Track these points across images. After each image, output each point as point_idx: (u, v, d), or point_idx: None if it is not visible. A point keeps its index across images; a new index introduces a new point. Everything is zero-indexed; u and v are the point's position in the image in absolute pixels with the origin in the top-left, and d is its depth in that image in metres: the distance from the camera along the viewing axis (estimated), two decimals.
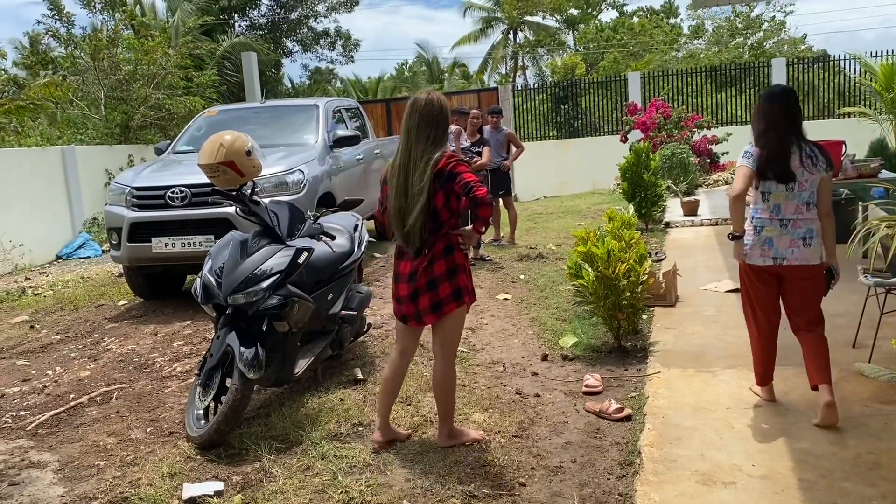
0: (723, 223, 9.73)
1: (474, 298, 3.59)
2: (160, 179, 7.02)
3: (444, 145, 3.39)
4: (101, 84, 14.42)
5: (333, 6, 29.67)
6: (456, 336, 3.59)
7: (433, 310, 3.41)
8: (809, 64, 17.56)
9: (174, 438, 3.99)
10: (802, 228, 3.73)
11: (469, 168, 3.36)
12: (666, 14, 32.62)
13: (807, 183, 3.70)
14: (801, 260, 3.74)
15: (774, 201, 3.77)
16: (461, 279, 3.44)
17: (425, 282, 3.39)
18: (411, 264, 3.43)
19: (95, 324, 6.85)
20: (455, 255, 3.43)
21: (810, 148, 3.72)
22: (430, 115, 3.36)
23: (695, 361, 4.63)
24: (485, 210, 3.28)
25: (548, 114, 18.86)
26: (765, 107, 3.79)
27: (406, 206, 3.35)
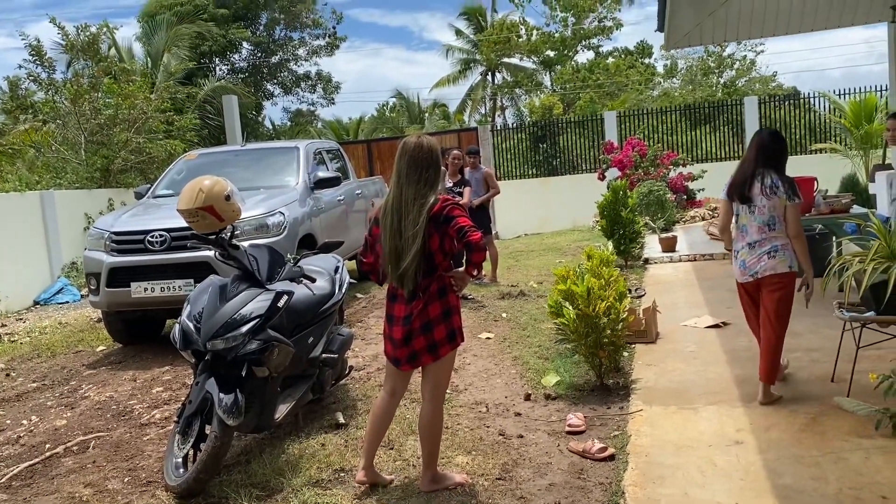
0: (700, 259, 9.84)
1: (464, 338, 3.61)
2: (140, 224, 7.00)
3: (437, 187, 3.42)
4: (81, 129, 14.43)
5: (314, 50, 30.07)
6: (446, 379, 3.60)
7: (429, 351, 3.42)
8: (781, 101, 17.96)
9: (152, 488, 3.92)
10: (767, 245, 4.36)
11: (464, 212, 3.39)
12: (640, 54, 33.28)
13: (765, 208, 4.32)
14: (769, 269, 4.34)
15: (742, 222, 4.46)
16: (455, 320, 3.47)
17: (420, 324, 3.39)
18: (406, 307, 3.42)
19: (73, 371, 6.75)
20: (449, 296, 3.45)
21: (773, 179, 4.32)
22: (420, 158, 3.40)
23: (676, 398, 4.64)
24: (478, 255, 3.31)
25: (527, 153, 19.08)
26: (753, 141, 4.51)
27: (400, 247, 3.36)
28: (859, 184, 10.26)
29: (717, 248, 10.16)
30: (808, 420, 4.06)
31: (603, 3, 30.18)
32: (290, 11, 28.28)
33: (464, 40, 34.56)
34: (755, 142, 4.47)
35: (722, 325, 6.30)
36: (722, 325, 6.29)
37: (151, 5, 26.61)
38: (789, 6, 10.35)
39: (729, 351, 5.53)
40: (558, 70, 32.47)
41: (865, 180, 10.82)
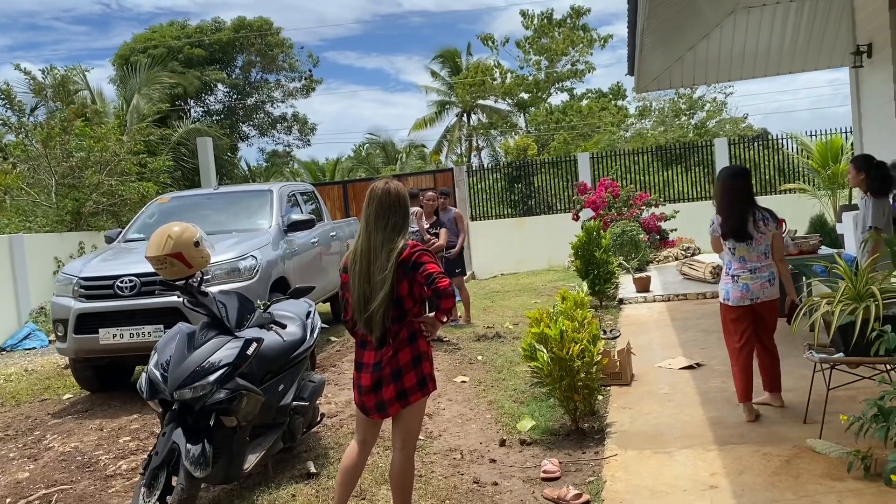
0: (674, 299, 9.91)
1: (436, 386, 3.55)
2: (109, 269, 6.90)
3: (405, 232, 3.41)
4: (52, 171, 14.31)
5: (290, 92, 30.28)
6: (417, 427, 3.53)
7: (398, 399, 3.35)
8: (750, 142, 18.32)
9: None
10: (766, 272, 4.80)
11: (433, 258, 3.37)
12: (614, 95, 33.91)
13: (762, 238, 4.78)
14: (770, 296, 4.82)
15: (740, 254, 4.82)
16: (425, 367, 3.41)
17: (390, 371, 3.33)
18: (376, 353, 3.37)
19: (37, 420, 6.57)
20: (419, 342, 3.40)
21: (761, 213, 4.81)
22: (388, 203, 3.39)
23: (651, 442, 4.61)
24: (446, 301, 3.28)
25: (502, 193, 19.22)
26: (727, 183, 4.89)
27: (369, 292, 3.33)
28: (827, 224, 10.44)
29: (690, 289, 10.25)
30: (781, 462, 4.05)
31: (575, 47, 30.82)
32: (267, 55, 28.55)
33: (439, 82, 35.05)
34: (734, 184, 4.84)
35: (696, 366, 6.32)
36: (696, 366, 6.30)
37: (125, 48, 26.72)
38: (755, 51, 10.65)
39: (703, 392, 5.54)
40: (532, 112, 32.94)
41: (833, 220, 11.03)
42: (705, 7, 8.69)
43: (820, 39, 10.28)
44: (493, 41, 32.70)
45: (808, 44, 10.42)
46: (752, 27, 10.12)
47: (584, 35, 30.92)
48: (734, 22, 9.91)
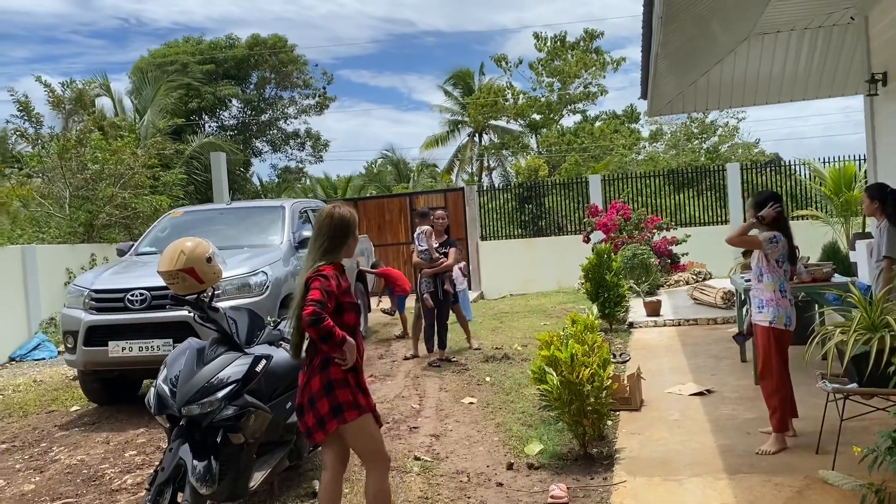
0: (685, 323, 9.84)
1: (367, 411, 3.44)
2: (120, 282, 6.93)
3: (336, 256, 3.45)
4: (66, 183, 14.42)
5: (304, 109, 30.46)
6: (368, 447, 3.50)
7: (319, 426, 3.38)
8: (763, 168, 18.28)
9: None
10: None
11: (321, 283, 3.28)
12: (628, 118, 33.93)
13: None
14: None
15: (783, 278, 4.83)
16: (340, 394, 3.35)
17: (307, 398, 3.41)
18: (302, 377, 3.47)
19: (44, 432, 6.57)
20: (331, 370, 3.35)
21: None
22: (324, 227, 3.48)
23: (661, 469, 4.56)
24: (308, 330, 3.24)
25: (513, 213, 19.21)
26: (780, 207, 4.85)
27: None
28: (840, 251, 10.37)
29: (701, 314, 10.19)
30: (792, 493, 4.00)
31: (588, 70, 30.92)
32: (281, 71, 28.76)
33: (452, 102, 35.19)
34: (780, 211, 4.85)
35: (706, 392, 6.26)
36: (706, 393, 6.24)
37: (142, 62, 27.00)
38: (768, 78, 10.65)
39: (713, 420, 5.48)
40: (544, 133, 33.01)
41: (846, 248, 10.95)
42: (719, 33, 8.71)
43: (834, 67, 10.28)
44: (506, 62, 32.83)
45: (822, 71, 10.42)
46: (766, 53, 10.13)
47: (597, 58, 31.00)
48: (748, 48, 9.93)
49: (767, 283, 4.82)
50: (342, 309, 3.37)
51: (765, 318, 4.80)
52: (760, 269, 4.87)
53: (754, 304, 4.96)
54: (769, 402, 4.81)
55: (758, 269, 4.89)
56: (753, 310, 4.99)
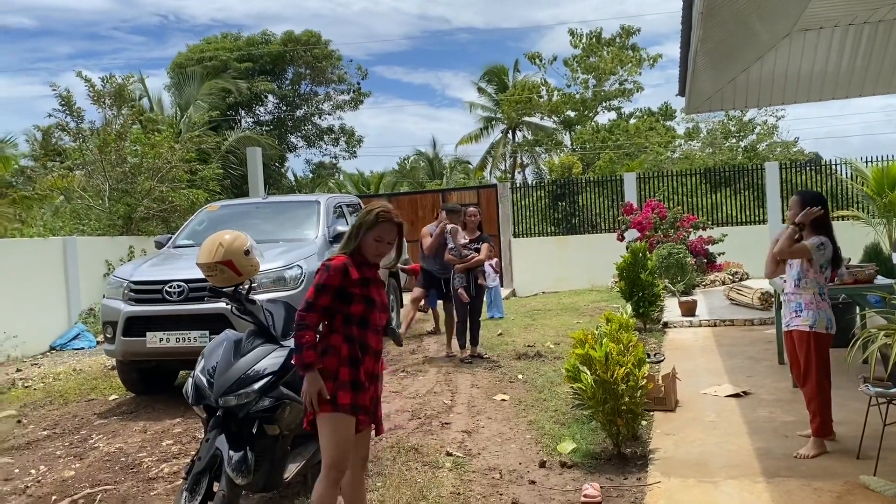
0: (720, 324, 9.71)
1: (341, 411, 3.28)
2: (158, 274, 7.04)
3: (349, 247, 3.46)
4: (106, 176, 14.69)
5: (338, 105, 30.65)
6: (326, 449, 3.34)
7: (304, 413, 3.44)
8: (802, 167, 17.94)
9: None
10: None
11: (317, 278, 3.34)
12: (663, 115, 33.56)
13: None
14: None
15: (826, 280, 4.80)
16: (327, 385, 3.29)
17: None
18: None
19: (84, 419, 6.71)
20: (326, 359, 3.33)
21: None
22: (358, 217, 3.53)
23: (696, 471, 4.50)
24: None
25: (546, 211, 19.12)
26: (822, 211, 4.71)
27: None
28: (882, 252, 10.14)
29: (737, 314, 10.04)
30: (832, 499, 3.92)
31: (623, 66, 30.63)
32: (316, 67, 28.96)
33: (486, 98, 35.13)
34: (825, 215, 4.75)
35: (743, 394, 6.17)
36: (743, 395, 6.15)
37: (181, 58, 27.41)
38: (810, 75, 10.43)
39: (750, 422, 5.40)
40: (578, 130, 32.79)
41: (888, 249, 10.71)
42: (760, 29, 8.54)
43: (879, 64, 10.03)
44: (540, 59, 32.68)
45: (867, 68, 10.17)
46: (807, 50, 9.91)
47: (633, 54, 30.71)
48: (790, 44, 9.72)
49: (806, 287, 4.71)
50: (349, 299, 3.34)
51: (804, 322, 4.68)
52: (800, 272, 4.74)
53: (789, 307, 4.79)
54: (810, 407, 4.70)
55: (797, 273, 4.76)
56: (788, 314, 4.81)
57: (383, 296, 3.52)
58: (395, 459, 4.93)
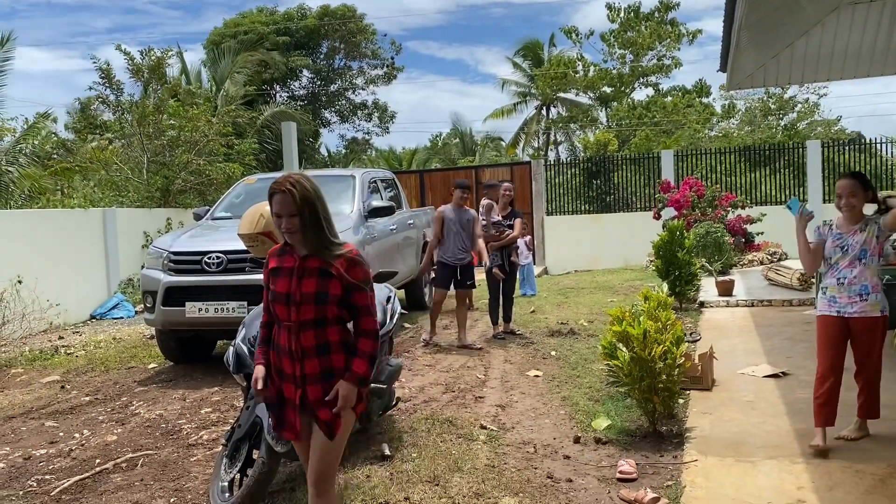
0: (758, 304, 9.57)
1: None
2: (198, 245, 7.13)
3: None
4: (144, 149, 14.87)
5: (372, 80, 30.59)
6: None
7: None
8: (844, 146, 17.51)
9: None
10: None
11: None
12: (699, 93, 32.94)
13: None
14: None
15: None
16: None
17: None
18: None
19: (125, 386, 6.86)
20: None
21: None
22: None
23: (733, 450, 4.46)
24: None
25: (580, 188, 18.94)
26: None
27: None
28: None
29: (776, 295, 9.88)
30: (875, 482, 3.86)
31: (662, 42, 30.07)
32: (351, 41, 28.88)
33: (520, 74, 34.76)
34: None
35: (781, 374, 6.08)
36: (781, 375, 6.07)
37: (217, 33, 27.52)
38: (857, 51, 10.13)
39: (789, 402, 5.32)
40: (614, 106, 32.34)
41: None
42: (807, 3, 8.30)
43: None
44: (576, 34, 32.23)
45: None
46: (856, 25, 9.60)
47: (672, 30, 30.12)
48: (838, 19, 9.42)
49: (872, 267, 4.36)
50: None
51: (874, 306, 4.31)
52: (867, 250, 4.35)
53: (850, 291, 4.34)
54: (864, 391, 4.47)
55: (860, 252, 4.35)
56: (847, 298, 4.35)
57: (306, 286, 2.91)
58: (430, 431, 4.96)
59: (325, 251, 2.93)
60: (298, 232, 2.90)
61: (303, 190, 2.89)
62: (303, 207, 2.87)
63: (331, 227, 2.96)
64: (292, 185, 2.88)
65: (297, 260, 2.97)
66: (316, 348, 2.92)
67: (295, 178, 2.92)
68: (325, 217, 2.95)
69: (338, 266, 2.92)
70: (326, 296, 2.90)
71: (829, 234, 4.51)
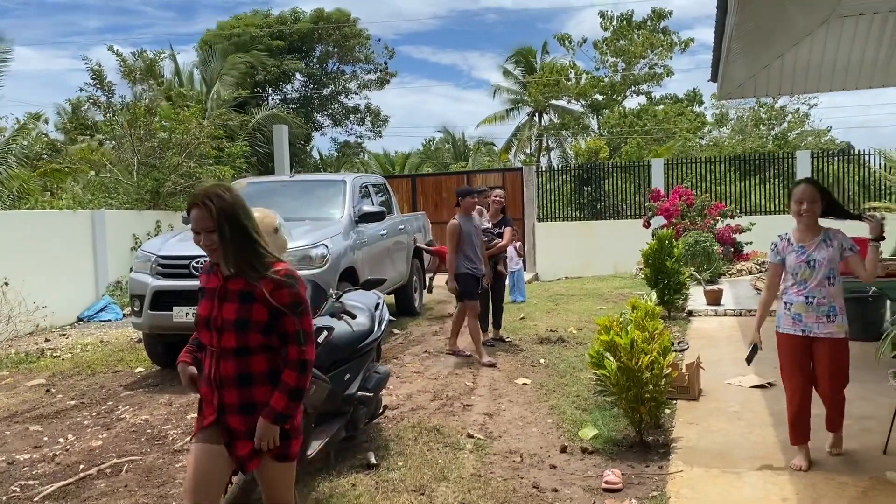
0: (746, 314, 9.60)
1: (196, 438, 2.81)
2: (186, 249, 7.10)
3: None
4: (135, 151, 14.81)
5: (365, 84, 30.59)
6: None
7: None
8: (833, 156, 17.63)
9: None
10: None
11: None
12: (690, 101, 33.10)
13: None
14: None
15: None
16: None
17: None
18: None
19: (111, 391, 6.82)
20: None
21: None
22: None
23: (719, 460, 4.48)
24: None
25: (571, 195, 18.98)
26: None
27: None
28: None
29: None
30: (857, 493, 3.88)
31: (654, 50, 30.20)
32: (344, 46, 28.90)
33: (512, 81, 34.83)
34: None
35: (768, 385, 6.11)
36: (767, 386, 6.09)
37: (210, 34, 27.47)
38: (846, 63, 10.21)
39: (774, 413, 5.34)
40: (606, 114, 32.45)
41: None
42: (798, 15, 8.35)
43: None
44: (569, 41, 32.33)
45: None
46: (845, 37, 9.68)
47: (664, 38, 30.27)
48: (827, 31, 9.49)
49: (839, 287, 4.24)
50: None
51: (840, 328, 4.21)
52: (832, 271, 4.22)
53: (817, 311, 4.21)
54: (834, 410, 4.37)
55: (829, 272, 4.21)
56: (813, 319, 4.24)
57: (227, 311, 2.68)
58: (417, 439, 4.95)
59: (249, 271, 2.67)
60: (219, 249, 2.66)
61: (221, 203, 2.64)
62: (221, 222, 2.63)
63: (259, 244, 2.71)
64: (209, 199, 2.64)
65: (220, 280, 2.73)
66: (237, 378, 2.69)
67: (213, 191, 2.68)
68: (249, 233, 2.69)
69: (262, 288, 2.65)
70: (248, 322, 2.65)
71: (789, 250, 4.36)
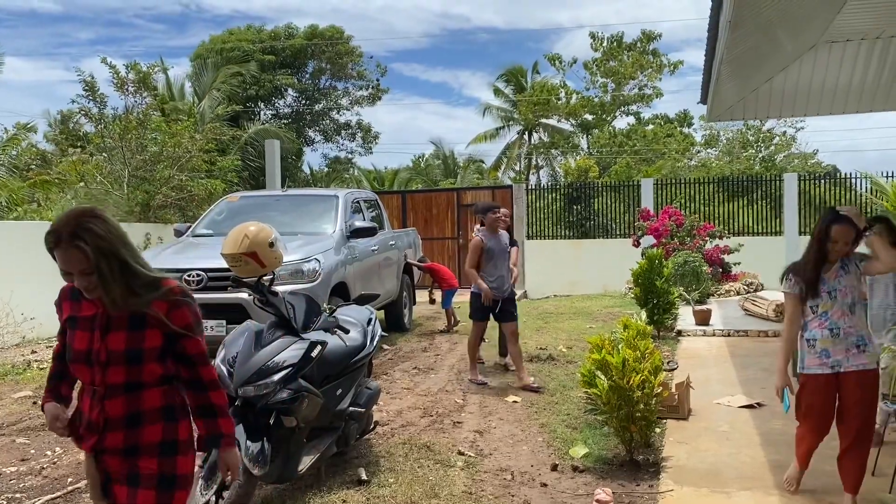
0: (735, 334, 9.67)
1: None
2: (178, 262, 7.10)
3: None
4: (126, 163, 14.77)
5: (356, 100, 30.68)
6: None
7: None
8: (820, 179, 17.83)
9: None
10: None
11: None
12: (680, 122, 33.44)
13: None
14: None
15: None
16: None
17: None
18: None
19: None
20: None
21: None
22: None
23: (708, 480, 4.50)
24: None
25: (560, 213, 19.08)
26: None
27: None
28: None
29: (752, 325, 10.00)
30: None
31: (644, 72, 30.52)
32: (337, 62, 29.00)
33: (503, 99, 35.07)
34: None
35: (757, 405, 6.15)
36: (756, 406, 6.13)
37: (203, 48, 27.51)
38: (834, 87, 10.37)
39: (763, 433, 5.38)
40: (595, 133, 32.70)
41: None
42: (787, 40, 8.49)
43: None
44: (560, 61, 32.63)
45: (893, 82, 10.10)
46: (833, 62, 9.84)
47: (654, 60, 30.61)
48: (815, 56, 9.65)
49: (862, 316, 3.91)
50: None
51: (873, 357, 3.82)
52: (855, 297, 3.82)
53: (846, 342, 3.77)
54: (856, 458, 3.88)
55: (852, 298, 3.80)
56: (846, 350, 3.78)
57: (113, 342, 2.29)
58: (408, 456, 4.94)
59: (137, 302, 2.26)
60: (98, 289, 2.24)
61: (96, 241, 2.20)
62: (100, 262, 2.20)
63: (138, 266, 2.28)
64: (79, 239, 2.18)
65: (98, 308, 2.32)
66: (125, 419, 2.31)
67: (83, 225, 2.20)
68: (130, 264, 2.26)
69: (155, 309, 2.28)
70: (141, 352, 2.28)
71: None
